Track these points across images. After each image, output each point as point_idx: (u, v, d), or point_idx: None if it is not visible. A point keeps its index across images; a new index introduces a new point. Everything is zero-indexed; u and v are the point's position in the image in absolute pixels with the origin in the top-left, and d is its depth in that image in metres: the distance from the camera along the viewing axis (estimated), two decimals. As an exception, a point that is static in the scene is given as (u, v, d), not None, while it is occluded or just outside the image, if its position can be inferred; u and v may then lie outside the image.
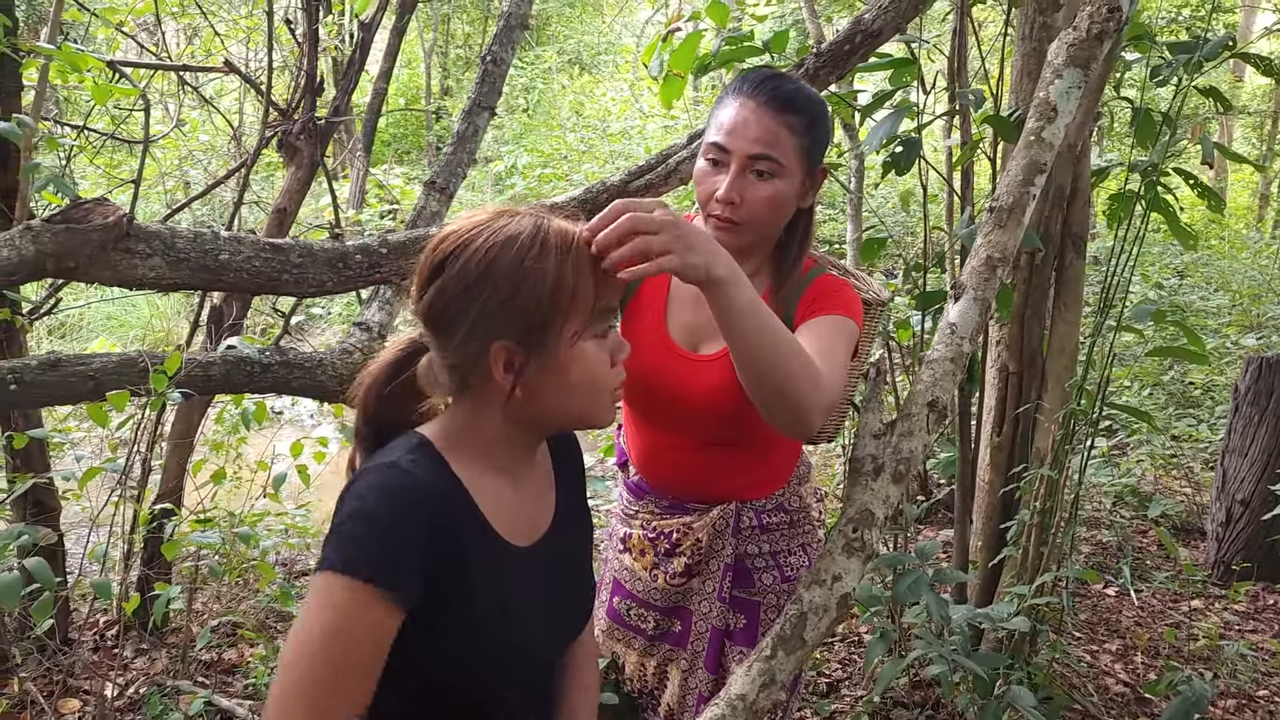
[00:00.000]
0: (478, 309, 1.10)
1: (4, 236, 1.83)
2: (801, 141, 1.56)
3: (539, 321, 1.12)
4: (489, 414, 1.18)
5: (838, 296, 1.67)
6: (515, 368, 1.13)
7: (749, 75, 1.61)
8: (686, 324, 1.70)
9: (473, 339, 1.11)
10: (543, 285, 1.11)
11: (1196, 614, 3.83)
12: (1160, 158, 2.70)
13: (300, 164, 3.24)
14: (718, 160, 1.57)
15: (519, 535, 1.22)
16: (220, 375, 2.63)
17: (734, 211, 1.56)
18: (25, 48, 2.64)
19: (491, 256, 1.10)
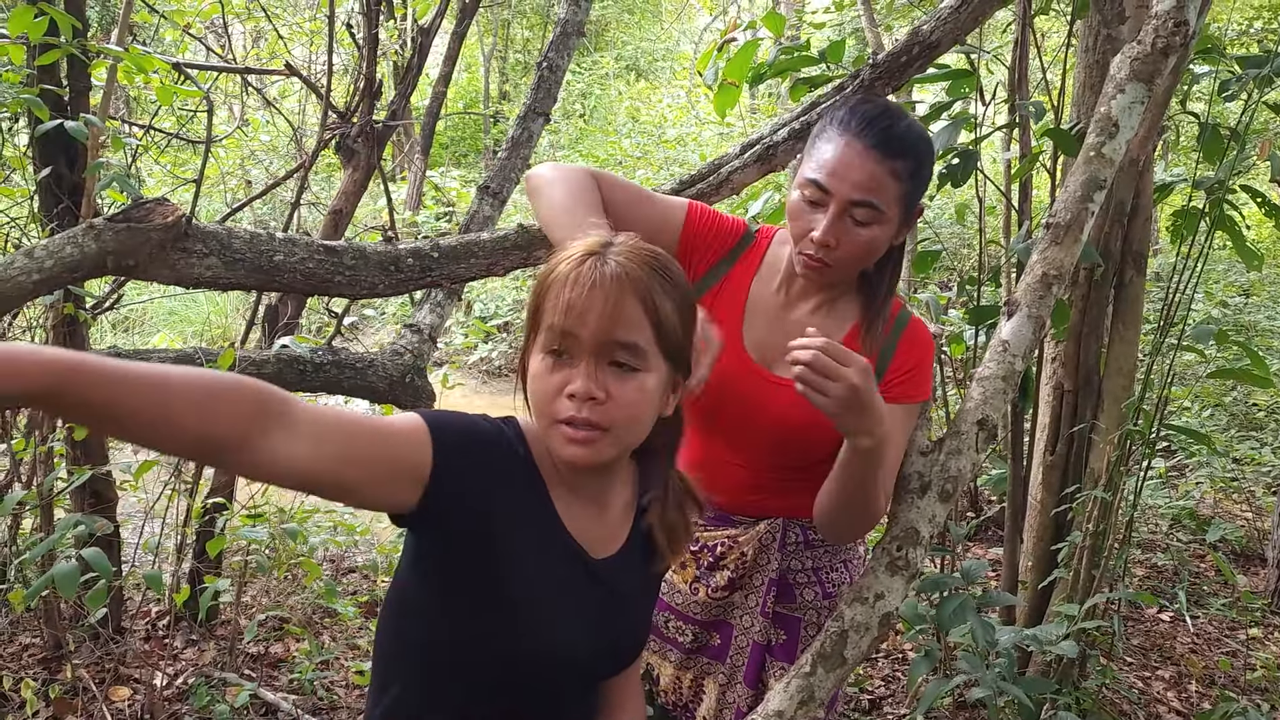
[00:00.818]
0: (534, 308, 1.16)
1: (68, 234, 1.87)
2: (905, 187, 1.52)
3: (531, 318, 1.16)
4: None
5: (924, 370, 1.67)
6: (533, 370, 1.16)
7: (858, 109, 1.53)
8: (761, 340, 1.67)
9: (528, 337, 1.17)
10: (535, 295, 1.15)
11: (1254, 643, 3.72)
12: (1226, 174, 2.64)
13: (357, 166, 3.28)
14: (816, 200, 1.52)
15: (595, 547, 1.22)
16: (273, 373, 2.67)
17: (828, 254, 1.53)
18: (94, 49, 2.70)
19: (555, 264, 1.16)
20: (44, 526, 3.01)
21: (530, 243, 2.37)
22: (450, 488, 1.08)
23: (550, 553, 1.17)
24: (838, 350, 1.33)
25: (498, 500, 1.12)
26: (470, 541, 1.11)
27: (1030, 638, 2.24)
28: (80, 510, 3.02)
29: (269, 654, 3.26)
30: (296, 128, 4.52)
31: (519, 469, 1.16)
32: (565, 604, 1.18)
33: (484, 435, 1.14)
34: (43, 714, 2.76)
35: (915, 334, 1.67)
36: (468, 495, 1.09)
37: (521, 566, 1.14)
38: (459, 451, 1.09)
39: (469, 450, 1.11)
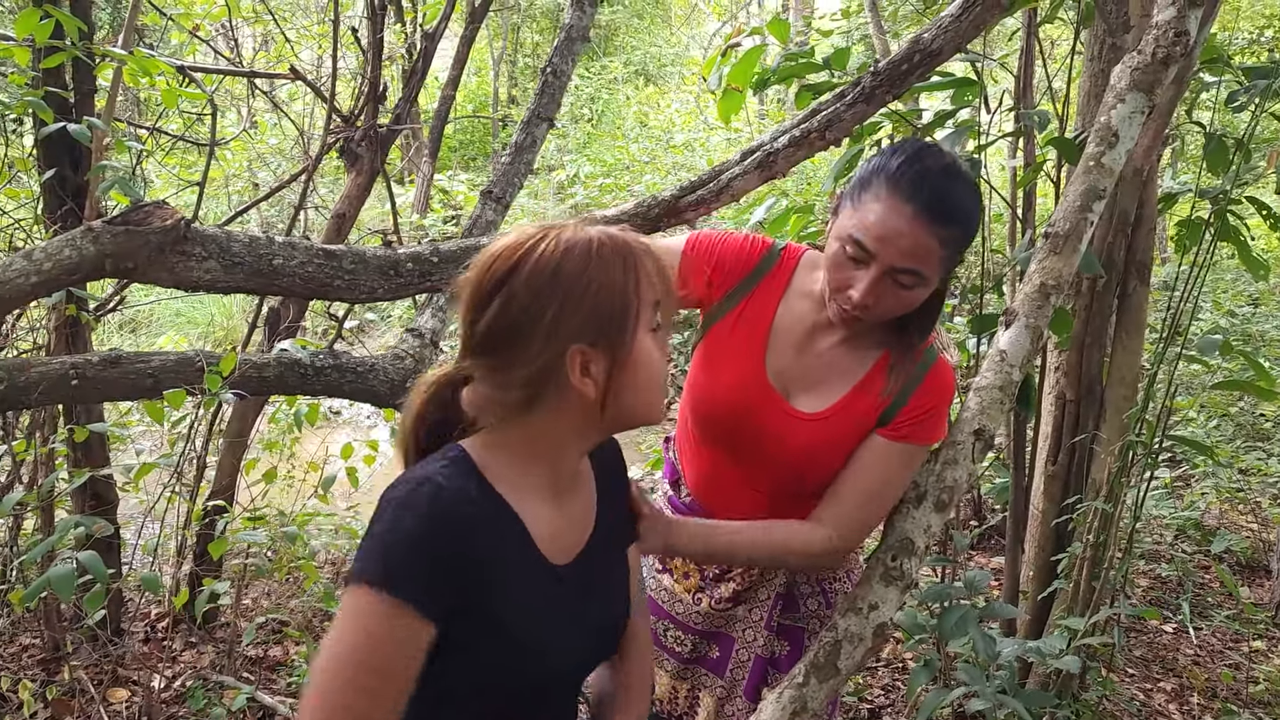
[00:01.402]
0: (551, 314, 1.10)
1: (66, 237, 1.88)
2: (947, 253, 1.46)
3: (613, 320, 1.13)
4: (561, 424, 1.18)
5: (939, 415, 1.63)
6: (591, 371, 1.14)
7: (910, 165, 1.44)
8: (784, 368, 1.64)
9: (548, 346, 1.11)
10: (612, 284, 1.13)
11: (1258, 655, 3.70)
12: (1230, 184, 2.62)
13: (361, 170, 3.28)
14: (858, 258, 1.46)
15: (559, 553, 1.22)
16: (274, 377, 2.67)
17: (864, 313, 1.50)
18: (99, 52, 2.71)
19: (556, 260, 1.12)
20: (45, 528, 3.02)
21: (530, 248, 2.37)
22: (450, 608, 1.08)
23: (532, 576, 1.17)
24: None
25: (484, 565, 1.11)
26: (473, 611, 1.11)
27: (1033, 650, 2.22)
28: (81, 512, 3.02)
29: (268, 657, 3.26)
30: (303, 130, 4.53)
31: (484, 515, 1.13)
32: (554, 621, 1.19)
33: (442, 541, 1.07)
34: (41, 715, 2.76)
35: (938, 376, 1.62)
36: (464, 591, 1.09)
37: (516, 604, 1.14)
38: (438, 587, 1.07)
39: (441, 575, 1.07)
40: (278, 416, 3.43)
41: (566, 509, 1.25)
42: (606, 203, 9.84)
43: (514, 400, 1.16)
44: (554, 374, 1.13)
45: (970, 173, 1.52)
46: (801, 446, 1.61)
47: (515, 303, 1.11)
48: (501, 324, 1.12)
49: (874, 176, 1.46)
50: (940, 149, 1.50)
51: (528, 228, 1.17)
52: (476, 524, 1.11)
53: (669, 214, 2.31)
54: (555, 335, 1.11)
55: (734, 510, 1.73)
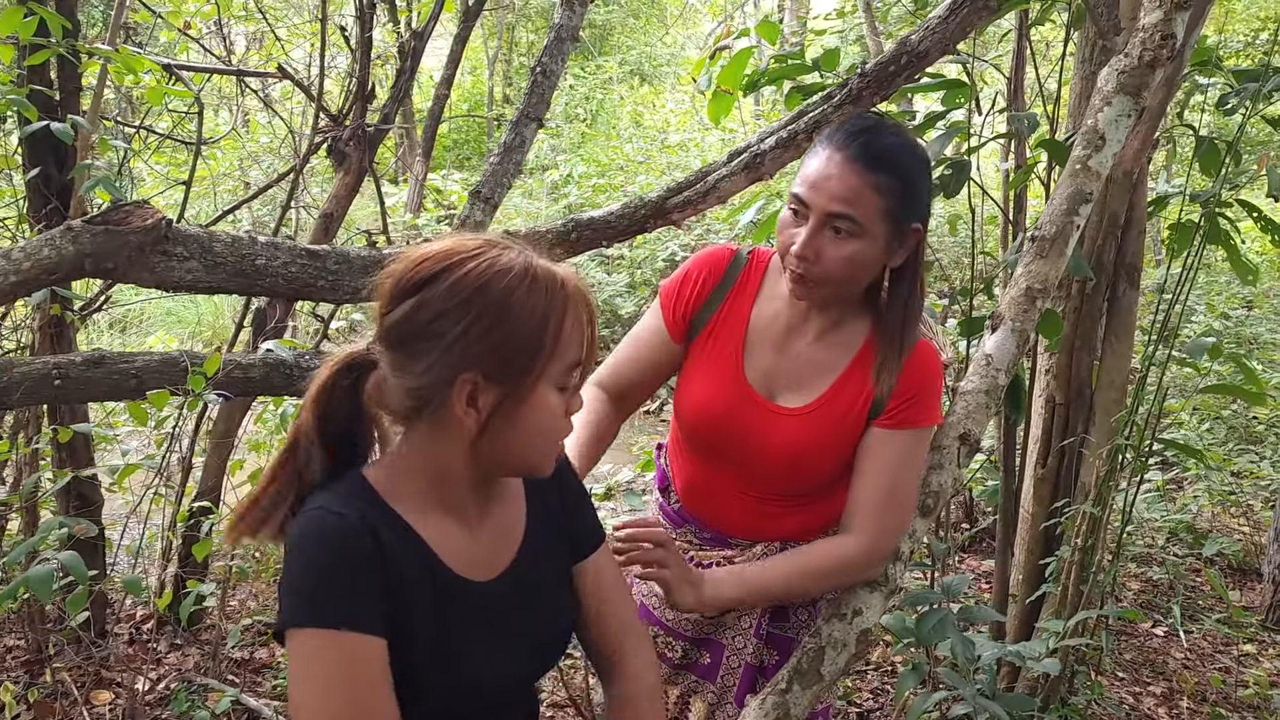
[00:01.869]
0: (455, 333, 1.07)
1: (45, 237, 1.86)
2: (887, 202, 1.46)
3: (518, 359, 1.09)
4: (438, 447, 1.14)
5: (928, 395, 1.61)
6: (477, 404, 1.10)
7: (846, 123, 1.52)
8: (765, 369, 1.64)
9: (441, 365, 1.08)
10: (532, 321, 1.09)
11: (1248, 659, 3.70)
12: (1219, 188, 2.61)
13: (349, 170, 3.27)
14: (797, 211, 1.50)
15: (477, 569, 1.19)
16: (260, 377, 2.66)
17: (807, 268, 1.49)
18: (83, 50, 2.69)
19: (481, 282, 1.07)
20: (28, 529, 3.00)
21: (516, 249, 2.35)
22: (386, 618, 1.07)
23: (443, 594, 1.15)
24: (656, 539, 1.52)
25: (394, 581, 1.09)
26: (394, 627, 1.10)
27: (1014, 654, 2.21)
28: (65, 513, 3.01)
29: (253, 659, 3.24)
30: (292, 129, 4.51)
31: (387, 536, 1.10)
32: (472, 637, 1.17)
33: (351, 560, 1.06)
34: (24, 717, 2.74)
35: (921, 359, 1.61)
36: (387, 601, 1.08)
37: (426, 621, 1.12)
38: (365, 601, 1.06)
39: (362, 588, 1.06)
40: (265, 416, 3.41)
41: (480, 526, 1.21)
42: (600, 202, 9.83)
43: (400, 406, 1.13)
44: (440, 394, 1.09)
45: (918, 142, 1.55)
46: (787, 443, 1.61)
47: (426, 310, 1.07)
48: (406, 325, 1.09)
49: (816, 142, 1.54)
50: (886, 121, 1.54)
51: (470, 239, 1.13)
52: (380, 543, 1.09)
53: (656, 215, 2.30)
54: (451, 355, 1.07)
55: (724, 515, 1.73)
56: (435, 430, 1.13)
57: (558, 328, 1.11)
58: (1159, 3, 1.75)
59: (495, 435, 1.12)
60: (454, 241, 1.12)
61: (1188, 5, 1.73)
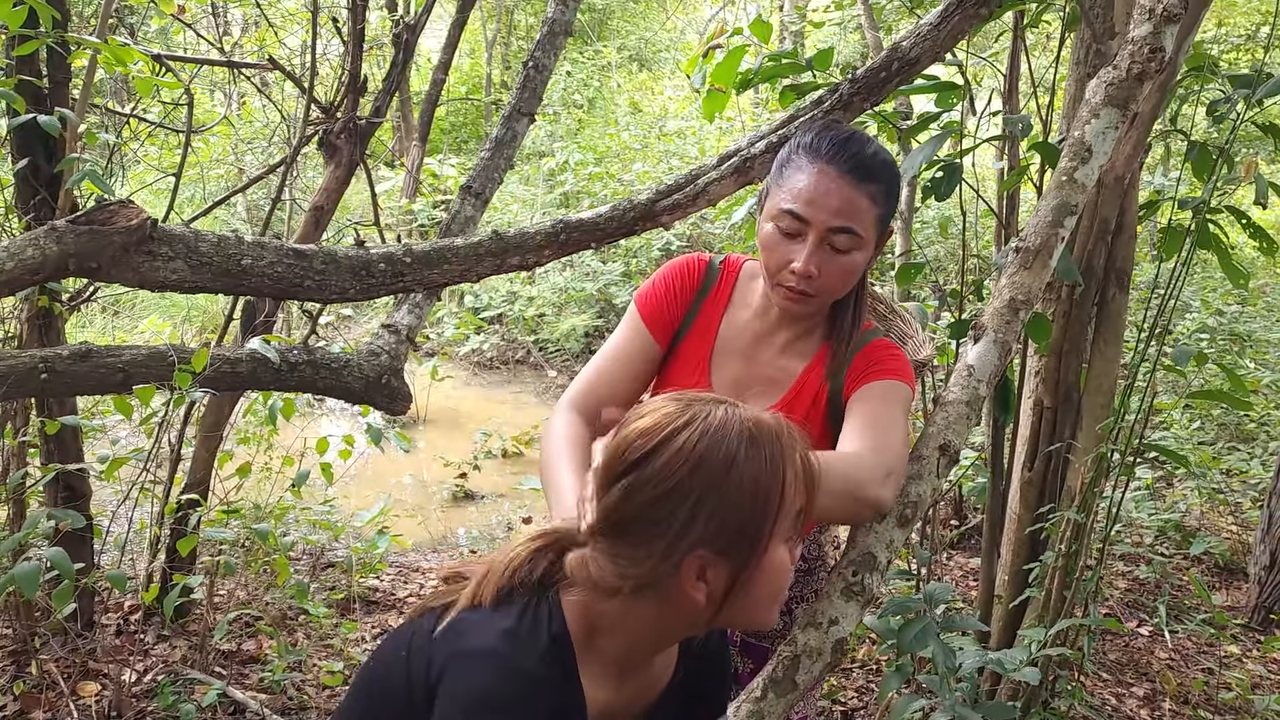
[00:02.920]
0: (683, 515, 1.01)
1: (30, 236, 1.85)
2: (879, 211, 1.50)
3: (749, 529, 1.03)
4: (659, 619, 1.08)
5: (891, 361, 1.63)
6: (707, 578, 1.04)
7: (825, 136, 1.50)
8: (733, 377, 1.65)
9: (672, 550, 1.02)
10: (758, 489, 1.02)
11: (1232, 660, 3.72)
12: (1210, 194, 2.61)
13: (340, 163, 3.25)
14: (792, 231, 1.48)
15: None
16: (247, 372, 2.66)
17: (809, 284, 1.50)
18: (72, 40, 2.68)
19: (699, 456, 1.01)
20: (15, 520, 3.00)
21: (504, 250, 2.35)
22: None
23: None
24: None
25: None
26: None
27: (995, 662, 2.22)
28: (53, 504, 3.01)
29: (241, 651, 3.25)
30: (286, 116, 4.49)
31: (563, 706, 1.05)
32: None
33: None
34: (10, 709, 2.75)
35: (875, 346, 1.64)
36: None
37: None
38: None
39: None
40: (255, 409, 3.41)
41: (629, 687, 1.17)
42: (595, 191, 9.79)
43: (618, 588, 1.06)
44: (669, 577, 1.03)
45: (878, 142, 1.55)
46: None
47: (643, 494, 1.02)
48: (623, 512, 1.03)
49: (792, 155, 1.52)
50: (854, 129, 1.55)
51: (670, 405, 1.06)
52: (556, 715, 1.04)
53: (645, 218, 2.29)
54: (680, 540, 1.01)
55: None
56: (660, 605, 1.07)
57: (780, 486, 1.05)
58: (1148, 15, 1.74)
59: (728, 605, 1.06)
60: (657, 414, 1.05)
61: (1177, 19, 1.72)
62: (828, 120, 1.54)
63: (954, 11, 2.09)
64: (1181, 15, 1.74)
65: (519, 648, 1.03)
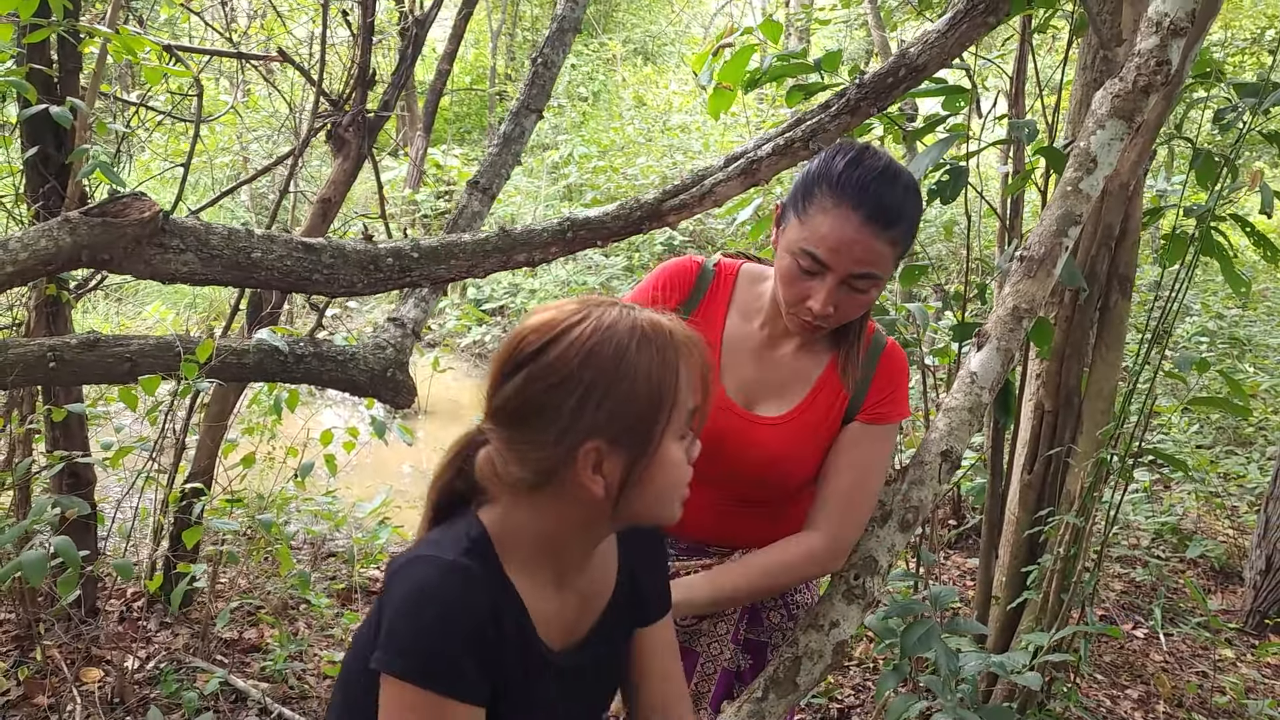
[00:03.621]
0: (571, 405, 1.05)
1: (43, 227, 1.87)
2: (899, 250, 1.49)
3: (640, 421, 1.07)
4: (560, 515, 1.12)
5: (902, 390, 1.68)
6: (603, 469, 1.08)
7: (852, 173, 1.45)
8: (744, 380, 1.66)
9: (564, 437, 1.06)
10: (648, 380, 1.06)
11: (1226, 664, 3.74)
12: (1214, 203, 2.63)
13: (348, 155, 3.27)
14: (812, 270, 1.48)
15: (558, 636, 1.19)
16: (253, 364, 2.67)
17: (826, 321, 1.52)
18: (83, 30, 2.69)
19: (589, 348, 1.05)
20: (20, 506, 3.02)
21: (510, 247, 2.36)
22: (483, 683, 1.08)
23: (530, 664, 1.14)
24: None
25: (500, 650, 1.10)
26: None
27: (996, 665, 2.24)
28: (59, 491, 3.02)
29: (243, 639, 3.27)
30: (293, 106, 4.50)
31: (500, 603, 1.10)
32: (538, 709, 1.17)
33: (469, 631, 1.05)
34: (13, 694, 2.77)
35: (891, 357, 1.69)
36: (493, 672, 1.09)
37: (513, 690, 1.12)
38: (474, 674, 1.06)
39: (475, 661, 1.06)
40: (260, 398, 3.43)
41: (571, 595, 1.21)
42: (599, 184, 9.79)
43: (520, 480, 1.11)
44: (564, 465, 1.07)
45: (905, 168, 1.52)
46: (766, 451, 1.64)
47: (537, 384, 1.06)
48: (518, 403, 1.07)
49: (816, 185, 1.48)
50: (878, 150, 1.51)
51: (568, 304, 1.10)
52: (495, 612, 1.08)
53: (651, 217, 2.30)
54: (572, 428, 1.05)
55: (701, 525, 1.74)
56: (561, 499, 1.11)
57: (674, 381, 1.09)
58: (1155, 29, 1.76)
59: (627, 497, 1.10)
60: (554, 310, 1.10)
61: (1184, 32, 1.73)
62: (856, 149, 1.49)
63: (962, 20, 2.10)
64: (1188, 29, 1.76)
65: (442, 549, 1.09)
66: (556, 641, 1.18)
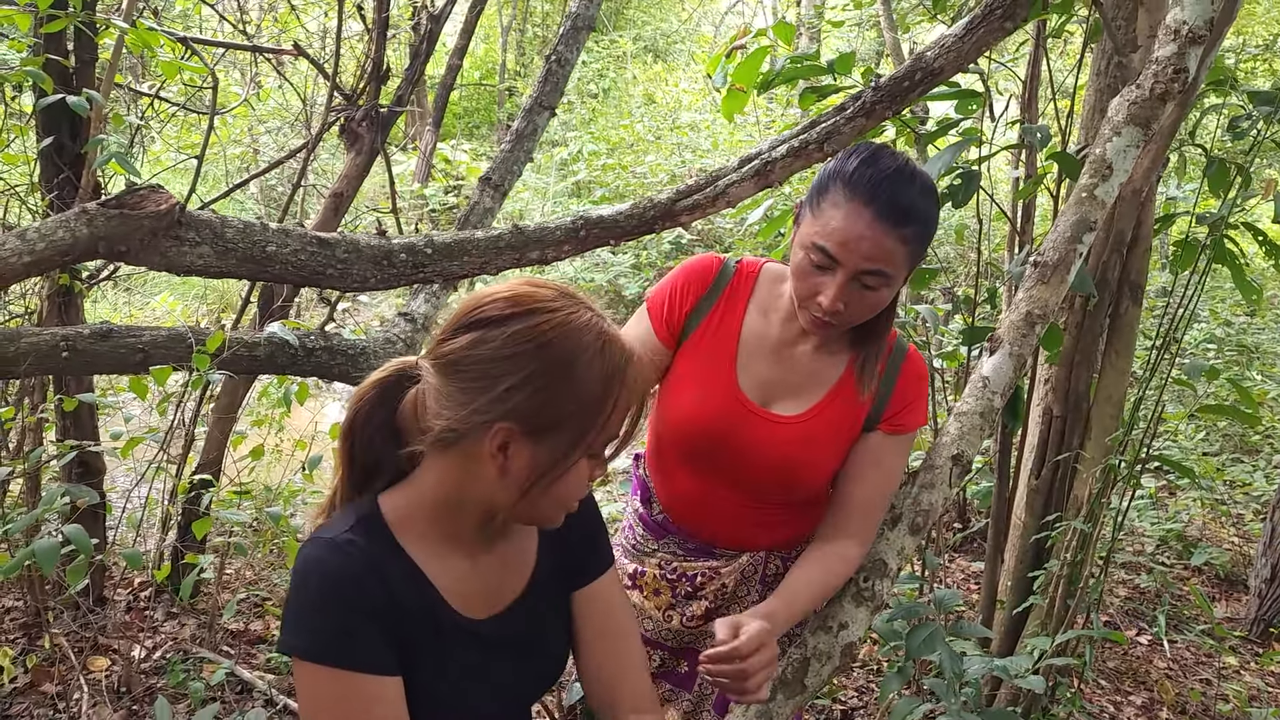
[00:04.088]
0: (509, 383, 1.05)
1: (61, 218, 1.88)
2: (910, 249, 1.49)
3: (566, 426, 1.08)
4: (458, 479, 1.13)
5: (922, 400, 1.69)
6: (507, 452, 1.08)
7: (866, 171, 1.47)
8: (761, 378, 1.66)
9: (486, 408, 1.06)
10: (592, 391, 1.07)
11: (1230, 672, 3.74)
12: (1228, 211, 2.63)
13: (361, 150, 3.28)
14: (823, 264, 1.49)
15: (477, 607, 1.19)
16: (264, 356, 2.69)
17: (835, 318, 1.52)
18: (100, 22, 2.70)
19: (549, 338, 1.06)
20: (30, 495, 3.03)
21: (524, 244, 2.37)
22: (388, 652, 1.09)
23: (442, 631, 1.15)
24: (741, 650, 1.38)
25: (396, 619, 1.10)
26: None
27: (1000, 669, 2.24)
28: (68, 479, 3.04)
29: (248, 631, 3.28)
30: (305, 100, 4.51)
31: (391, 573, 1.11)
32: (463, 676, 1.17)
33: (354, 602, 1.06)
34: (20, 681, 2.79)
35: (913, 365, 1.69)
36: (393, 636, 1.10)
37: (422, 658, 1.13)
38: (368, 639, 1.07)
39: (371, 629, 1.07)
40: (269, 391, 3.44)
41: (486, 562, 1.21)
42: (608, 181, 9.79)
43: (434, 431, 1.10)
44: (474, 433, 1.08)
45: (925, 171, 1.53)
46: (784, 450, 1.63)
47: (484, 348, 1.06)
48: (460, 358, 1.07)
49: (831, 182, 1.49)
50: (894, 151, 1.52)
51: (546, 287, 1.11)
52: (386, 582, 1.09)
53: (664, 217, 2.31)
54: (499, 402, 1.06)
55: (712, 525, 1.75)
56: (459, 463, 1.11)
57: (614, 402, 1.09)
58: (1173, 36, 1.76)
59: (515, 486, 1.10)
60: (530, 286, 1.10)
61: (1202, 40, 1.74)
62: (873, 149, 1.50)
63: (979, 24, 2.10)
64: (1206, 37, 1.76)
65: (328, 530, 1.12)
66: (479, 611, 1.19)
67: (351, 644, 1.05)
